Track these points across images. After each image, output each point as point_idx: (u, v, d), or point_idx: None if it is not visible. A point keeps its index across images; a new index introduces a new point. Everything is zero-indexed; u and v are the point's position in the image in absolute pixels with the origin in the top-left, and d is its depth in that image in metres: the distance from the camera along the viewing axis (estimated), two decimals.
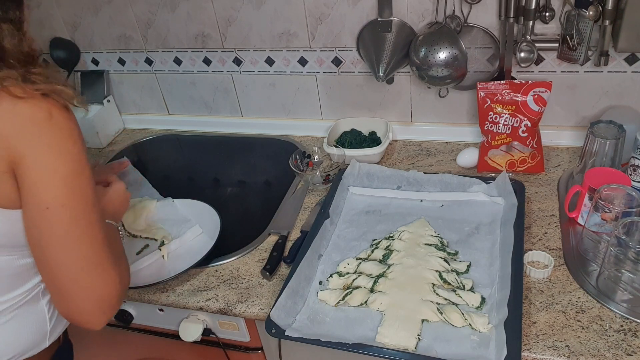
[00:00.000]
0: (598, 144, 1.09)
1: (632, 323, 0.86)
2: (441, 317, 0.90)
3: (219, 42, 1.47)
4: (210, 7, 1.41)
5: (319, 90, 1.48)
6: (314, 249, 1.06)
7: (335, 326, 0.93)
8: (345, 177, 1.25)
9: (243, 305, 1.02)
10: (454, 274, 0.98)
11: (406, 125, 1.45)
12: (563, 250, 1.02)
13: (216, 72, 1.54)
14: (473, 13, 1.21)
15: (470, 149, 1.30)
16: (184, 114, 1.68)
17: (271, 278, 1.06)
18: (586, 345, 0.84)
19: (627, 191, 0.96)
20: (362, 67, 1.39)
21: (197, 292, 1.06)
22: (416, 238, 1.07)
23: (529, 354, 0.84)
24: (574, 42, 1.12)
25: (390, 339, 0.88)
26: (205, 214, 1.21)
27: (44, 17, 1.58)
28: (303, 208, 1.25)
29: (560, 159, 1.28)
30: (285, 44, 1.41)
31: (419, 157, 1.37)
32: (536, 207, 1.14)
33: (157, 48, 1.55)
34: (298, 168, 1.33)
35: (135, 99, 1.70)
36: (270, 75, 1.49)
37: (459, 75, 1.23)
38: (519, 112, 1.19)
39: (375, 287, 0.98)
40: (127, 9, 1.49)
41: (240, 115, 1.62)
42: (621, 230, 0.88)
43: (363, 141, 1.40)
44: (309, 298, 0.99)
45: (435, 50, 1.20)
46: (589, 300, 0.92)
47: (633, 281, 0.90)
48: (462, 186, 1.18)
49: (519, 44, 1.17)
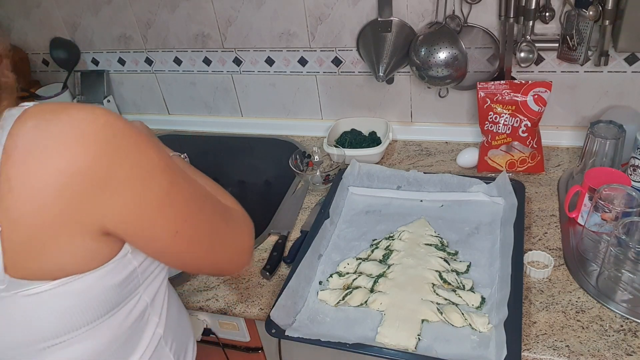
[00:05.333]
0: (598, 144, 1.09)
1: (632, 323, 0.86)
2: (441, 317, 0.90)
3: (219, 42, 1.47)
4: (210, 7, 1.41)
5: (319, 90, 1.48)
6: (314, 249, 1.06)
7: (335, 326, 0.93)
8: (345, 177, 1.25)
9: (243, 305, 1.02)
10: (454, 274, 0.98)
11: (406, 125, 1.45)
12: (563, 250, 1.02)
13: (216, 72, 1.54)
14: (473, 13, 1.21)
15: (470, 149, 1.30)
16: (184, 114, 1.68)
17: (271, 278, 1.06)
18: (586, 345, 0.84)
19: (627, 191, 0.96)
20: (362, 67, 1.39)
21: (197, 292, 1.06)
22: (416, 238, 1.07)
23: (529, 354, 0.84)
24: (574, 42, 1.12)
25: (390, 339, 0.88)
26: None
27: (44, 17, 1.58)
28: (303, 208, 1.25)
29: (560, 159, 1.28)
30: (285, 44, 1.41)
31: (419, 157, 1.37)
32: (536, 207, 1.14)
33: (157, 48, 1.55)
34: (298, 168, 1.33)
35: (135, 99, 1.70)
36: (270, 75, 1.49)
37: (459, 75, 1.23)
38: (519, 112, 1.19)
39: (375, 287, 0.98)
40: (127, 9, 1.49)
41: (240, 115, 1.62)
42: (621, 230, 0.88)
43: (363, 141, 1.40)
44: (309, 298, 0.99)
45: (435, 50, 1.20)
46: (589, 300, 0.92)
47: (633, 281, 0.90)
48: (462, 186, 1.18)
49: (519, 44, 1.17)
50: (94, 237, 0.57)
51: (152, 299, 0.71)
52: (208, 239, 0.68)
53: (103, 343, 0.65)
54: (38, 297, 0.57)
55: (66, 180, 0.53)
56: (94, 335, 0.64)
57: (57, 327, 0.60)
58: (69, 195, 0.53)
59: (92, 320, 0.63)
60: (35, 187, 0.52)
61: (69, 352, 0.63)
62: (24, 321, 0.59)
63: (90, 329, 0.63)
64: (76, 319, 0.61)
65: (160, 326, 0.75)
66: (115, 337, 0.67)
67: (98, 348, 0.65)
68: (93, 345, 0.64)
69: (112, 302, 0.64)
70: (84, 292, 0.60)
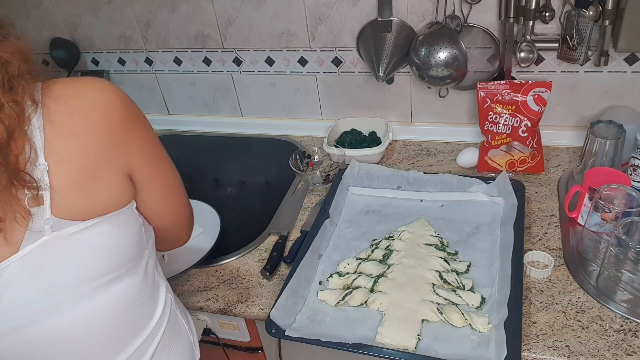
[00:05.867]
0: (598, 144, 1.09)
1: (632, 323, 0.86)
2: (441, 317, 0.90)
3: (219, 42, 1.47)
4: (210, 7, 1.41)
5: (319, 90, 1.48)
6: (314, 249, 1.06)
7: (335, 326, 0.93)
8: (345, 177, 1.25)
9: (243, 305, 1.02)
10: (454, 274, 0.98)
11: (406, 125, 1.45)
12: (563, 250, 1.02)
13: (216, 72, 1.54)
14: (473, 13, 1.21)
15: (470, 149, 1.30)
16: (184, 114, 1.68)
17: (271, 278, 1.06)
18: (586, 345, 0.84)
19: (627, 191, 0.96)
20: (362, 67, 1.39)
21: (197, 292, 1.06)
22: (416, 238, 1.07)
23: (529, 354, 0.84)
24: (574, 42, 1.12)
25: (390, 339, 0.88)
26: (206, 213, 1.21)
27: (43, 17, 1.58)
28: (303, 208, 1.25)
29: (560, 159, 1.28)
30: (285, 44, 1.41)
31: (419, 157, 1.37)
32: (536, 207, 1.14)
33: (157, 48, 1.55)
34: (298, 168, 1.33)
35: (135, 99, 1.67)
36: (270, 75, 1.49)
37: (459, 75, 1.23)
38: (519, 112, 1.19)
39: (375, 287, 0.98)
40: (127, 9, 1.49)
41: (240, 115, 1.62)
42: (621, 230, 0.88)
43: (363, 141, 1.40)
44: (309, 298, 0.99)
45: (435, 50, 1.20)
46: (589, 300, 0.92)
47: (633, 281, 0.90)
48: (462, 186, 1.18)
49: (519, 44, 1.17)
50: (123, 177, 0.68)
51: (155, 264, 0.80)
52: (184, 195, 0.84)
53: (137, 286, 0.73)
54: (83, 235, 0.64)
55: (105, 124, 0.64)
56: (131, 275, 0.71)
57: (104, 264, 0.67)
58: (106, 137, 0.64)
59: (129, 259, 0.70)
60: (77, 130, 0.62)
61: (116, 290, 0.69)
62: (74, 260, 0.64)
63: (128, 270, 0.70)
64: (118, 256, 0.68)
65: (169, 291, 0.83)
66: (144, 284, 0.74)
67: (136, 288, 0.72)
68: (132, 284, 0.72)
69: (138, 246, 0.72)
70: (123, 227, 0.68)
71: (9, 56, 0.60)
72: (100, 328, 0.70)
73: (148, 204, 0.75)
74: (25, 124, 0.60)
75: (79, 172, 0.63)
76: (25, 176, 0.59)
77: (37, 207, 0.61)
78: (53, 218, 0.61)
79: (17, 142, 0.59)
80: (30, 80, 0.62)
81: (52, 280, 0.63)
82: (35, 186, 0.60)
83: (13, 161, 0.59)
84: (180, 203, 0.83)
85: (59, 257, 0.63)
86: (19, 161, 0.59)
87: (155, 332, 0.77)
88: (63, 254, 0.63)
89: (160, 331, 0.78)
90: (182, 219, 0.85)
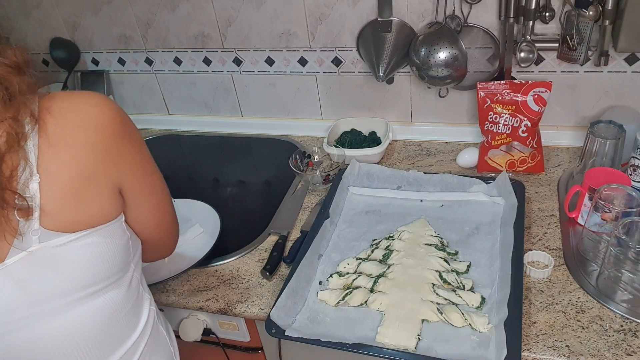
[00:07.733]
0: (598, 144, 1.09)
1: (632, 323, 0.86)
2: (441, 317, 0.90)
3: (219, 42, 1.47)
4: (210, 7, 1.41)
5: (319, 90, 1.48)
6: (314, 249, 1.06)
7: (335, 326, 0.93)
8: (345, 177, 1.25)
9: (243, 305, 1.02)
10: (454, 274, 0.98)
11: (406, 125, 1.45)
12: (563, 250, 1.02)
13: (216, 72, 1.54)
14: (473, 13, 1.21)
15: (470, 149, 1.30)
16: (184, 114, 1.68)
17: (271, 278, 1.06)
18: (586, 345, 0.84)
19: (627, 191, 0.96)
20: (362, 67, 1.39)
21: (197, 292, 1.06)
22: (416, 238, 1.07)
23: (529, 354, 0.84)
24: (574, 42, 1.12)
25: (390, 339, 0.88)
26: (206, 213, 1.21)
27: (43, 17, 1.58)
28: (303, 208, 1.25)
29: (560, 159, 1.28)
30: (285, 44, 1.41)
31: (419, 157, 1.37)
32: (536, 207, 1.14)
33: (157, 48, 1.55)
34: (298, 168, 1.33)
35: (135, 99, 1.70)
36: (270, 75, 1.49)
37: (459, 75, 1.23)
38: (519, 112, 1.19)
39: (375, 287, 0.98)
40: (127, 9, 1.49)
41: (240, 115, 1.62)
42: (621, 230, 0.88)
43: (363, 141, 1.40)
44: (309, 298, 0.99)
45: (435, 50, 1.20)
46: (589, 300, 0.92)
47: (633, 281, 0.90)
48: (462, 186, 1.18)
49: (519, 44, 1.17)
50: (112, 191, 0.69)
51: (140, 277, 0.81)
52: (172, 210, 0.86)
53: (120, 299, 0.73)
54: (70, 247, 0.64)
55: (98, 139, 0.65)
56: (115, 288, 0.72)
57: (89, 277, 0.68)
58: (98, 151, 0.66)
59: (114, 273, 0.71)
60: (71, 143, 0.64)
61: (99, 302, 0.70)
62: (58, 272, 0.65)
63: (112, 282, 0.71)
64: (103, 269, 0.69)
65: (152, 304, 0.84)
66: (128, 296, 0.75)
67: (119, 300, 0.73)
68: (115, 297, 0.72)
69: (124, 260, 0.73)
70: (110, 240, 0.69)
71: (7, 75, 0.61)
72: (83, 338, 0.70)
73: (136, 218, 0.76)
74: (22, 140, 0.61)
75: (70, 184, 0.64)
76: (16, 191, 0.60)
77: (26, 218, 0.61)
78: (41, 229, 0.62)
79: (12, 157, 0.60)
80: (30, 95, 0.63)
81: (34, 291, 0.64)
82: (26, 199, 0.60)
83: (7, 175, 0.59)
84: (167, 217, 0.85)
85: (44, 268, 0.63)
86: (12, 175, 0.60)
87: (138, 344, 0.79)
88: (48, 265, 0.64)
89: (143, 343, 0.80)
90: (169, 232, 0.87)
